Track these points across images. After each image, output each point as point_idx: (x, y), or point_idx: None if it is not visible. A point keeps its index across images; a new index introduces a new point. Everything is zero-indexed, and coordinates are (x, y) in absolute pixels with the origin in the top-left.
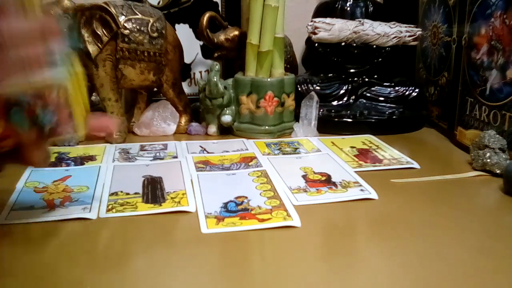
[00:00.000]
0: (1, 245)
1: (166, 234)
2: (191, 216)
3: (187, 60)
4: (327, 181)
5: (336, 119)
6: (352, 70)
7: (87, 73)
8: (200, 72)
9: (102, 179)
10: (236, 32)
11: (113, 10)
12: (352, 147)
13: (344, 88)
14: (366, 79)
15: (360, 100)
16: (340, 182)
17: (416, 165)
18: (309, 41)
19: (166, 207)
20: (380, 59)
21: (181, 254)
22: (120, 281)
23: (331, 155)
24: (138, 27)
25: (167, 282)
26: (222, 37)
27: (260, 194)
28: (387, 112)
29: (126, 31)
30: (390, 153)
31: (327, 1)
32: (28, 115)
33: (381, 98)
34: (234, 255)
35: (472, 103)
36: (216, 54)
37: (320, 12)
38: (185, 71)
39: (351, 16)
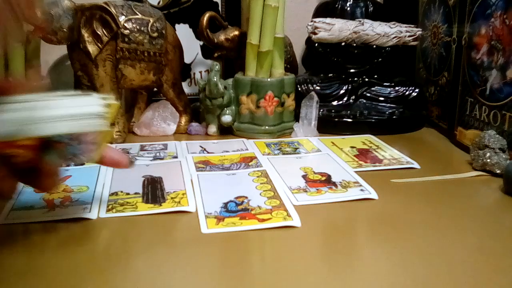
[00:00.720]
0: (1, 245)
1: (166, 234)
2: (191, 216)
3: (187, 60)
4: (327, 181)
5: (336, 119)
6: (352, 70)
7: (87, 73)
8: (200, 72)
9: (102, 179)
10: (236, 32)
11: (113, 10)
12: (352, 147)
13: (344, 88)
14: (366, 79)
15: (360, 100)
16: (340, 182)
17: (416, 165)
18: (309, 41)
19: (166, 207)
20: (380, 59)
21: (181, 254)
22: (120, 281)
23: (331, 155)
24: (138, 27)
25: (167, 282)
26: (222, 37)
27: (260, 194)
28: (387, 112)
29: (126, 31)
30: (390, 153)
31: (327, 1)
32: (59, 150)
33: (381, 98)
34: (234, 255)
35: (472, 103)
36: (216, 54)
37: (320, 12)
38: (185, 71)
39: (351, 16)
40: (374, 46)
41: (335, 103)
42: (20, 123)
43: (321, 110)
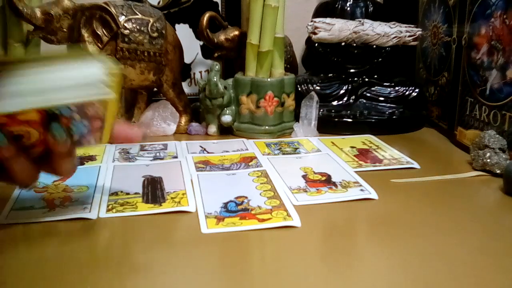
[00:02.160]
0: (1, 245)
1: (166, 234)
2: (191, 216)
3: (187, 60)
4: (327, 181)
5: (336, 119)
6: (352, 70)
7: None
8: (200, 72)
9: (102, 179)
10: (236, 32)
11: (113, 10)
12: (352, 147)
13: (344, 88)
14: (366, 79)
15: (360, 100)
16: (340, 182)
17: (416, 165)
18: (309, 41)
19: (166, 207)
20: (380, 59)
21: (181, 254)
22: (120, 281)
23: (331, 155)
24: (138, 27)
25: (167, 282)
26: (222, 37)
27: (260, 194)
28: (387, 112)
29: (126, 31)
30: (390, 153)
31: (327, 1)
32: (65, 127)
33: (381, 98)
34: (234, 255)
35: (472, 103)
36: (216, 54)
37: (320, 12)
38: (185, 71)
39: (351, 16)
40: (374, 46)
41: (335, 103)
42: (23, 95)
43: (321, 110)
